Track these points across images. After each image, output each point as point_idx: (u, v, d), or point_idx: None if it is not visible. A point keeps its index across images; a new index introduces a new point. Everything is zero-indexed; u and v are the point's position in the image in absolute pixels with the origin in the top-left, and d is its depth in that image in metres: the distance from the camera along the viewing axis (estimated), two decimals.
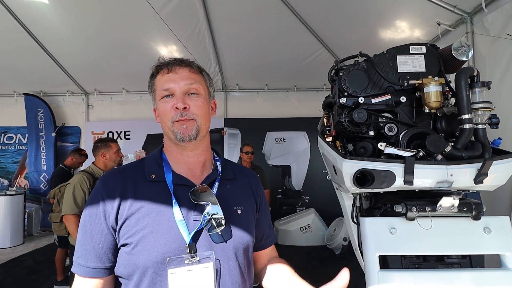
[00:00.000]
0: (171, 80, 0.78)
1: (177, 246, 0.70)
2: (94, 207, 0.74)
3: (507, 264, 1.07)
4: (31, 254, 4.24)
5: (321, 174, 4.95)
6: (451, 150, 1.09)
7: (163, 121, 0.79)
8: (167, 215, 0.73)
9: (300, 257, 4.02)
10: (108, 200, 0.73)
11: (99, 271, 0.72)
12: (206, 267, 0.70)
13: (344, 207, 1.57)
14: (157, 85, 0.80)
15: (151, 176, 0.78)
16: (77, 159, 3.44)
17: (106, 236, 0.72)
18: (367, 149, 1.20)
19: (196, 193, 0.76)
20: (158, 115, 0.82)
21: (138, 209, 0.72)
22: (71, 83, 5.06)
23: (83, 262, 0.72)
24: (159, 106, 0.79)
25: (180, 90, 0.77)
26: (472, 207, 1.08)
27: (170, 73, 0.79)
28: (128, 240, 0.70)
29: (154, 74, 0.82)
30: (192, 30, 3.77)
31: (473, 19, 2.44)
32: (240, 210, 0.82)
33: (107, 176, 0.79)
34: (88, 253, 0.72)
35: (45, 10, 3.49)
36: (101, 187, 0.76)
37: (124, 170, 0.81)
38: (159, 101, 0.79)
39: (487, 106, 1.08)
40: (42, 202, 5.36)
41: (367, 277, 1.08)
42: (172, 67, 0.79)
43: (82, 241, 0.74)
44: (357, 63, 1.30)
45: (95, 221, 0.73)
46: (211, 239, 0.74)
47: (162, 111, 0.78)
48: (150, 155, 0.86)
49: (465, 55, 1.21)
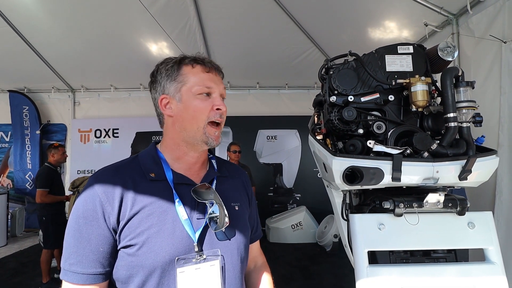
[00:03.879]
0: (212, 80, 0.78)
1: (184, 245, 0.70)
2: (90, 208, 0.69)
3: (490, 258, 1.11)
4: (14, 255, 4.11)
5: (312, 172, 5.00)
6: (437, 148, 1.12)
7: (193, 117, 0.75)
8: (171, 214, 0.72)
9: (291, 254, 4.06)
10: (106, 200, 0.69)
11: (99, 277, 0.68)
12: (213, 264, 0.72)
13: (334, 204, 1.60)
14: (192, 78, 0.76)
15: (150, 175, 0.75)
16: (57, 153, 3.29)
17: (106, 239, 0.68)
18: (356, 147, 1.21)
19: (198, 191, 0.76)
20: (181, 109, 0.76)
21: (140, 209, 0.70)
22: (56, 80, 4.92)
23: (80, 269, 0.67)
24: (193, 101, 0.75)
25: (220, 92, 0.79)
26: (457, 203, 1.11)
27: (210, 73, 0.78)
28: (132, 241, 0.68)
29: (184, 64, 0.78)
30: (182, 27, 3.72)
31: (459, 20, 2.50)
32: (237, 206, 0.84)
33: (102, 175, 0.74)
34: (85, 259, 0.67)
35: (29, 4, 3.37)
36: (98, 186, 0.70)
37: (120, 168, 0.76)
38: (194, 95, 0.76)
39: (471, 105, 1.12)
40: (26, 202, 5.21)
41: (356, 272, 1.10)
42: (212, 68, 0.79)
43: (76, 246, 0.68)
44: (347, 62, 1.32)
45: (92, 224, 0.68)
46: (215, 237, 0.75)
47: (198, 107, 0.75)
48: (144, 152, 0.83)
49: (451, 56, 1.24)
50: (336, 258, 3.76)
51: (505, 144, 2.01)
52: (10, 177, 5.31)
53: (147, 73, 0.85)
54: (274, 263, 1.03)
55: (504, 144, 2.02)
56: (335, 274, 3.31)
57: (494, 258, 1.10)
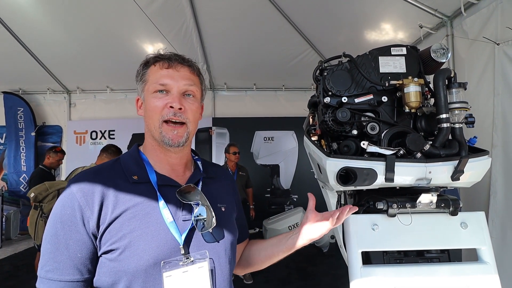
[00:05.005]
0: (170, 76, 0.74)
1: (169, 248, 0.68)
2: (68, 213, 0.66)
3: (483, 258, 1.12)
4: (9, 259, 4.07)
5: (309, 173, 5.00)
6: (430, 148, 1.13)
7: (150, 116, 0.75)
8: (155, 216, 0.70)
9: (288, 255, 4.05)
10: (85, 204, 0.66)
11: (76, 284, 0.65)
12: (201, 267, 0.70)
13: (329, 205, 1.60)
14: (151, 77, 0.75)
15: (132, 177, 0.73)
16: (54, 157, 3.31)
17: (85, 245, 0.66)
18: (350, 148, 1.22)
19: (183, 193, 0.74)
20: (144, 108, 0.77)
21: (122, 212, 0.67)
22: (52, 81, 4.89)
23: (56, 276, 0.64)
24: (150, 100, 0.75)
25: (178, 89, 0.74)
26: (450, 203, 1.12)
27: (170, 69, 0.75)
28: (113, 246, 0.66)
29: (149, 63, 0.77)
30: (179, 28, 3.72)
31: (453, 22, 2.53)
32: (223, 207, 0.82)
33: (81, 178, 0.71)
34: (62, 265, 0.64)
35: (24, 4, 3.35)
36: (76, 190, 0.68)
37: (100, 170, 0.74)
38: (150, 94, 0.74)
39: (463, 106, 1.13)
40: (21, 205, 5.15)
41: (350, 273, 1.10)
42: (173, 63, 0.75)
43: (53, 252, 0.65)
44: (341, 63, 1.32)
45: (70, 229, 0.65)
46: (202, 238, 0.73)
47: (152, 106, 0.74)
48: (126, 154, 0.81)
49: (444, 57, 1.25)
50: (333, 259, 3.76)
51: (499, 145, 2.03)
52: (4, 180, 5.26)
53: None
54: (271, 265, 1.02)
55: (498, 145, 2.04)
56: (332, 275, 3.31)
57: (487, 258, 1.11)
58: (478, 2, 2.22)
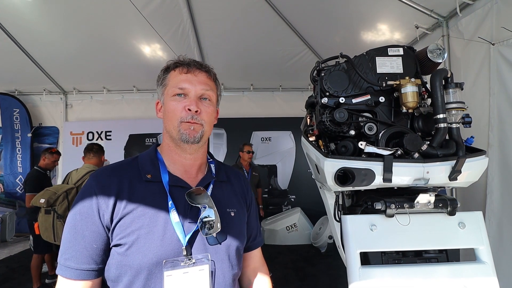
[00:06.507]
0: (188, 81, 0.78)
1: (173, 248, 0.70)
2: (86, 205, 0.71)
3: (481, 257, 1.12)
4: (4, 261, 4.03)
5: (307, 173, 5.00)
6: (427, 149, 1.13)
7: (169, 118, 0.78)
8: (163, 216, 0.72)
9: (286, 256, 4.05)
10: (102, 198, 0.71)
11: (91, 273, 0.69)
12: (202, 269, 0.71)
13: (327, 206, 1.59)
14: (171, 81, 0.80)
15: (146, 176, 0.77)
16: (49, 158, 3.28)
17: (100, 236, 0.70)
18: (348, 148, 1.22)
19: (192, 195, 0.76)
20: (164, 111, 0.81)
21: (133, 209, 0.71)
22: (48, 82, 4.85)
23: (74, 264, 0.68)
24: (169, 103, 0.79)
25: (196, 93, 0.78)
26: (447, 203, 1.12)
27: (188, 74, 0.79)
28: (121, 240, 0.69)
29: (169, 69, 0.82)
30: (175, 29, 3.70)
31: (449, 22, 2.54)
32: (233, 212, 0.83)
33: (100, 174, 0.76)
34: (79, 254, 0.69)
35: (20, 4, 3.32)
36: (95, 184, 0.73)
37: (118, 168, 0.79)
38: (170, 97, 0.79)
39: (460, 106, 1.13)
40: (17, 206, 5.10)
41: (349, 273, 1.09)
42: (191, 68, 0.80)
43: (71, 241, 0.70)
44: (338, 64, 1.32)
45: (87, 220, 0.70)
46: (206, 241, 0.75)
47: (171, 109, 0.78)
48: (145, 153, 0.84)
49: (440, 57, 1.25)
50: (331, 259, 3.77)
51: (495, 145, 2.04)
52: (0, 181, 5.21)
53: (140, 75, 0.86)
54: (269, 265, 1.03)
55: (494, 145, 2.05)
56: (330, 275, 3.31)
57: (485, 258, 1.11)
58: (474, 2, 2.23)
